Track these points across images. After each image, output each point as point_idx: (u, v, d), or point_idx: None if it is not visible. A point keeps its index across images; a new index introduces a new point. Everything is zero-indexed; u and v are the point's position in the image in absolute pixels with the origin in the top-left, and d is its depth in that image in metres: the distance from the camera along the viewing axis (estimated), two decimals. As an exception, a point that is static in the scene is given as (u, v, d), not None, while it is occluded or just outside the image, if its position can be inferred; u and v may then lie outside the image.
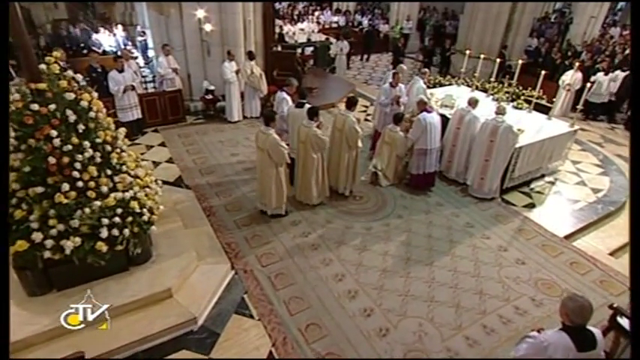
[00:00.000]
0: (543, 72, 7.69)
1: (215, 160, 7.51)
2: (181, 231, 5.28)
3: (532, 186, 7.08)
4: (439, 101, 7.72)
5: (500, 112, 6.14)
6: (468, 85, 9.40)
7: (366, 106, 10.59)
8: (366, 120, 9.40)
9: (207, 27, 8.96)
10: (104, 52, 13.17)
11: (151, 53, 13.73)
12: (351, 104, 6.01)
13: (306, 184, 6.05)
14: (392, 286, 4.80)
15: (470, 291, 4.80)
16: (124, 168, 4.43)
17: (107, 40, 13.59)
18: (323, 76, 12.09)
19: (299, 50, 11.82)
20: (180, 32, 9.14)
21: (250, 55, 8.77)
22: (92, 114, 4.14)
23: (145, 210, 4.35)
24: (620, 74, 10.61)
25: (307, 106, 5.97)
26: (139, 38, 14.76)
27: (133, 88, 7.96)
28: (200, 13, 8.88)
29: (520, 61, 7.98)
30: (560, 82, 10.98)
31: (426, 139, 6.30)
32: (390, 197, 6.63)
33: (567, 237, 5.82)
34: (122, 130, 4.57)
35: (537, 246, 5.58)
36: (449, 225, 6.00)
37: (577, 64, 10.86)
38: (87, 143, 4.02)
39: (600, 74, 10.71)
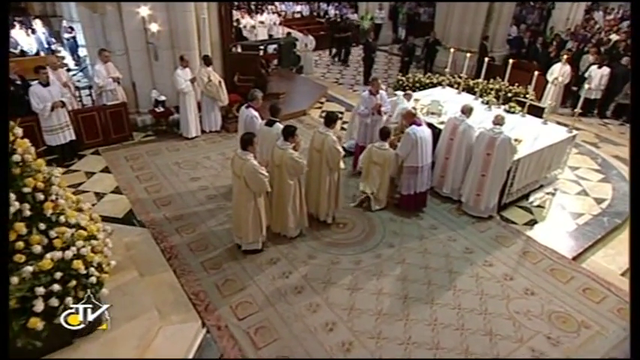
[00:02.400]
0: (537, 72, 7.82)
1: (172, 188, 7.15)
2: (137, 284, 4.93)
3: (531, 199, 7.19)
4: (424, 108, 7.69)
5: (499, 122, 6.17)
6: (451, 85, 9.49)
7: (341, 113, 10.45)
8: (342, 129, 9.28)
9: (153, 27, 8.55)
10: (22, 54, 12.29)
11: (82, 52, 13.02)
12: (330, 121, 5.86)
13: (283, 213, 5.84)
14: (391, 333, 4.67)
15: (478, 332, 4.74)
16: (62, 218, 4.03)
17: (25, 38, 12.72)
18: (290, 79, 11.91)
19: (261, 49, 11.54)
20: (121, 33, 8.69)
21: (207, 61, 8.45)
22: (16, 157, 3.73)
23: (92, 269, 3.98)
24: (607, 70, 11.05)
25: (279, 125, 5.76)
26: (67, 35, 13.96)
27: (63, 104, 7.41)
28: (143, 11, 8.45)
29: (511, 61, 8.06)
30: (548, 76, 11.32)
31: (416, 156, 6.24)
32: (378, 222, 6.52)
33: (575, 258, 5.91)
34: (57, 172, 4.16)
35: (545, 271, 5.63)
36: (446, 252, 5.95)
37: (565, 56, 11.23)
38: (11, 195, 3.61)
39: (593, 67, 11.11)
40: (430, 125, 6.94)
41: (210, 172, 7.60)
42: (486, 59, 8.59)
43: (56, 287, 3.69)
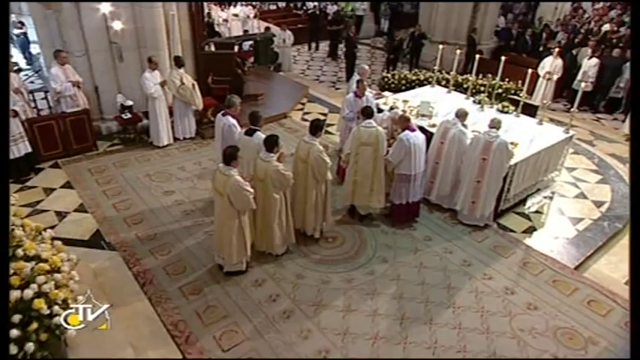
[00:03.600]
0: (530, 70, 7.87)
1: (144, 204, 6.91)
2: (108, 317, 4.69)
3: (528, 205, 7.24)
4: (414, 110, 7.65)
5: (495, 125, 6.16)
6: (439, 82, 9.48)
7: (324, 115, 10.35)
8: (326, 132, 9.18)
9: (116, 25, 8.29)
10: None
11: (34, 49, 12.53)
12: (316, 129, 5.75)
13: (268, 230, 5.71)
14: (389, 359, 4.60)
15: (481, 354, 4.72)
16: (20, 251, 3.80)
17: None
18: (268, 78, 11.75)
19: (236, 46, 11.33)
20: (80, 32, 8.39)
21: (178, 62, 8.22)
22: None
23: (56, 307, 3.76)
24: (595, 61, 11.26)
25: (260, 134, 5.62)
26: (16, 31, 13.41)
27: (16, 114, 7.07)
28: (105, 8, 8.17)
29: (503, 58, 8.08)
30: (540, 70, 11.46)
31: (409, 163, 6.17)
32: (369, 235, 6.45)
33: (577, 267, 5.96)
34: (13, 199, 3.92)
35: (548, 283, 5.65)
36: (443, 265, 5.93)
37: (556, 49, 11.39)
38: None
39: (585, 59, 11.30)
40: (421, 128, 6.89)
41: (186, 185, 7.39)
42: (477, 56, 8.57)
43: (14, 332, 3.46)
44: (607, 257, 6.26)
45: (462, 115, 6.52)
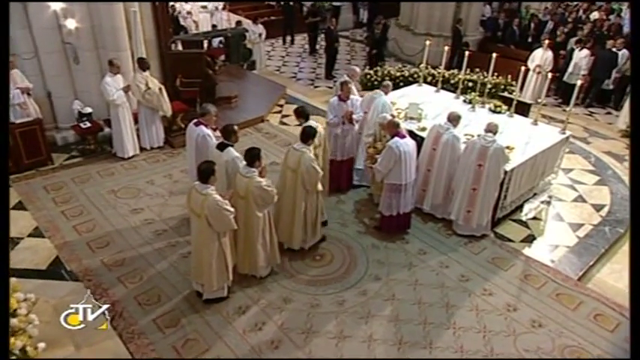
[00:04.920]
0: (523, 68, 7.95)
1: (109, 224, 6.69)
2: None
3: (525, 211, 7.33)
4: (402, 112, 7.63)
5: (492, 129, 6.18)
6: (425, 79, 9.49)
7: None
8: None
9: (70, 23, 8.06)
10: None
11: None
12: (307, 137, 5.73)
13: (252, 251, 5.61)
14: (389, 390, 4.57)
15: (487, 379, 4.72)
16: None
17: None
18: (241, 77, 11.58)
19: (205, 43, 11.11)
20: (28, 31, 8.10)
21: (142, 64, 8.00)
22: None
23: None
24: (585, 52, 11.50)
25: (232, 150, 5.53)
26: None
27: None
28: (56, 5, 7.88)
29: (494, 55, 8.13)
30: (529, 63, 11.63)
31: (400, 172, 6.14)
32: (359, 250, 6.42)
33: (580, 278, 6.05)
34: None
35: (551, 297, 5.70)
36: (440, 282, 5.92)
37: (546, 41, 11.58)
38: None
39: (575, 51, 11.52)
40: (410, 132, 6.88)
41: (156, 201, 7.20)
42: (467, 53, 8.59)
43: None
44: (610, 265, 6.38)
45: (454, 119, 6.52)
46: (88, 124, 8.34)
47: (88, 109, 8.39)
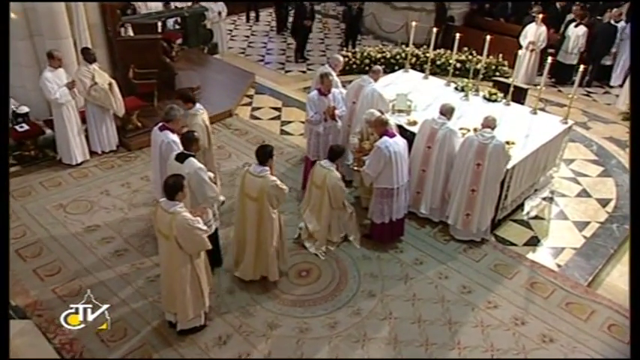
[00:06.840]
0: (520, 52, 8.01)
1: (59, 246, 6.45)
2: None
3: (527, 209, 7.46)
4: (390, 103, 7.59)
5: (490, 124, 6.21)
6: (413, 65, 9.50)
7: (277, 109, 10.19)
8: (283, 134, 9.01)
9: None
10: None
11: None
12: (335, 155, 6.15)
13: (263, 254, 5.76)
14: None
15: (498, 404, 4.80)
16: None
17: None
18: (202, 64, 11.29)
19: (159, 25, 10.76)
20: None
21: (87, 55, 7.71)
22: None
23: None
24: (583, 30, 11.71)
25: (194, 161, 5.36)
26: None
27: None
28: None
29: (488, 37, 8.18)
30: (522, 39, 11.77)
31: (391, 175, 6.13)
32: (350, 263, 6.41)
33: (590, 283, 6.20)
34: None
35: (560, 307, 5.83)
36: (440, 295, 5.98)
37: (540, 15, 11.69)
38: None
39: (570, 26, 11.72)
40: (400, 127, 6.86)
41: (114, 216, 6.97)
42: (457, 35, 8.58)
43: None
44: (620, 267, 6.54)
45: (447, 112, 6.53)
46: (26, 127, 7.99)
47: (25, 109, 8.08)
